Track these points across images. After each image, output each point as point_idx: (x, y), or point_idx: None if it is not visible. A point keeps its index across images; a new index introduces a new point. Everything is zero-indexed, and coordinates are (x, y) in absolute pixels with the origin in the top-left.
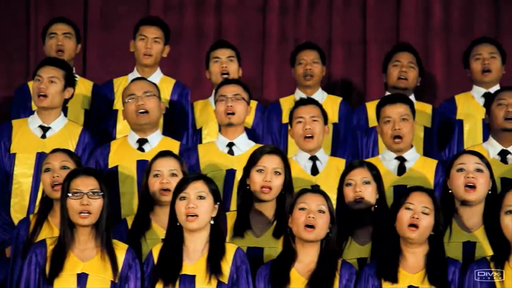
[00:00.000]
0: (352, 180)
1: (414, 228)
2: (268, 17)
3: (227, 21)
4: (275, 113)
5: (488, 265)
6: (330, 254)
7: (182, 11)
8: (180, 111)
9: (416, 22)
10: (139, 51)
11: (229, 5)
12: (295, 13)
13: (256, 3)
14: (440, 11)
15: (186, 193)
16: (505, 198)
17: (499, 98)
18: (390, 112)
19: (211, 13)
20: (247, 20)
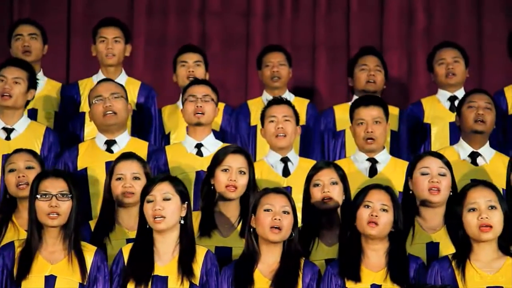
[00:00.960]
0: (320, 180)
1: (373, 225)
2: (251, 22)
3: (211, 26)
4: (243, 115)
5: (450, 263)
6: (293, 254)
7: (165, 16)
8: (146, 113)
9: (400, 28)
10: (101, 53)
11: (213, 10)
12: (279, 18)
13: (240, 8)
14: (423, 17)
15: (152, 196)
16: (467, 196)
17: (469, 100)
18: (363, 114)
19: (195, 18)
20: (231, 25)
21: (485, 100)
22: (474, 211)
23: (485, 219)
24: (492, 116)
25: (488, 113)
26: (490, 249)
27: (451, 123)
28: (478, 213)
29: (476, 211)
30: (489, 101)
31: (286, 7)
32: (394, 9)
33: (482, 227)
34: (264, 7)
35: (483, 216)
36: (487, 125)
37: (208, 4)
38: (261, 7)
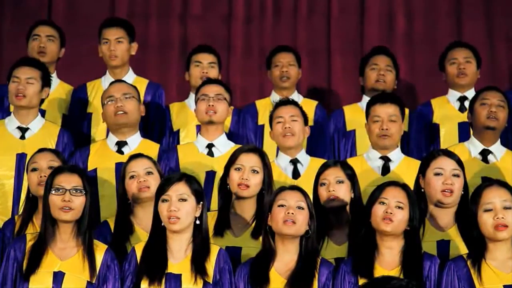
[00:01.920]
0: (326, 179)
1: (388, 221)
2: (233, 26)
3: (192, 30)
4: (250, 115)
5: (465, 263)
6: (310, 253)
7: (147, 20)
8: (155, 111)
9: (380, 31)
10: (105, 55)
11: (194, 14)
12: (260, 22)
13: (221, 12)
14: (403, 21)
15: (167, 196)
16: (483, 196)
17: (482, 97)
18: (379, 111)
19: (176, 22)
20: (212, 29)
21: (498, 98)
22: (490, 211)
23: (501, 219)
24: (505, 114)
25: (500, 111)
26: (505, 248)
27: (460, 123)
28: (494, 213)
29: (492, 211)
30: (502, 99)
31: (267, 11)
32: (374, 13)
33: (499, 227)
34: (245, 11)
35: (499, 216)
36: (499, 122)
37: (189, 8)
38: (242, 11)
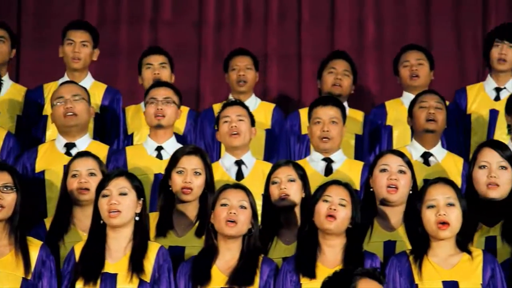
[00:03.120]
0: (278, 178)
1: (331, 219)
2: (203, 31)
3: (162, 36)
4: (208, 119)
5: (408, 258)
6: (252, 251)
7: (117, 26)
8: (111, 116)
9: (350, 38)
10: (67, 56)
11: (165, 20)
12: (231, 28)
13: (192, 18)
14: (373, 27)
15: (108, 190)
16: (426, 193)
17: (420, 101)
18: (320, 114)
19: (147, 28)
20: (182, 35)
21: (435, 100)
22: (433, 208)
23: (443, 215)
24: (443, 116)
25: (439, 113)
26: (448, 245)
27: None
28: (437, 209)
29: (434, 207)
30: (439, 101)
31: (238, 17)
32: (344, 19)
33: (440, 225)
34: (216, 17)
35: (441, 213)
36: (438, 124)
37: (160, 14)
38: (213, 17)
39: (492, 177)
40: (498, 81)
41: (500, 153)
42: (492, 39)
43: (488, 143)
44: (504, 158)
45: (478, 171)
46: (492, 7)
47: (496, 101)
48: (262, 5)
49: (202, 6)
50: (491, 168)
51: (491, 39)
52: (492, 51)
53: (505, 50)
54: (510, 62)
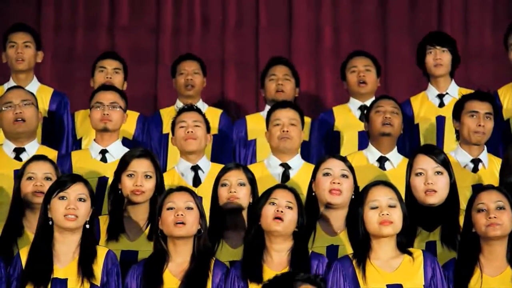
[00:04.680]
0: (228, 180)
1: (279, 221)
2: (161, 37)
3: (119, 42)
4: (155, 124)
5: (351, 262)
6: (203, 252)
7: (73, 31)
8: (59, 120)
9: (308, 44)
10: (11, 58)
11: (122, 25)
12: (188, 34)
13: (149, 24)
14: (331, 34)
15: (66, 193)
16: (369, 195)
17: (377, 105)
18: (280, 115)
19: (103, 34)
20: (140, 40)
21: (391, 105)
22: (376, 209)
23: (386, 215)
24: (399, 120)
25: (395, 117)
26: (389, 247)
27: (360, 132)
28: (379, 210)
29: (377, 208)
30: (395, 106)
31: (196, 23)
32: (302, 25)
33: (383, 222)
34: (173, 23)
35: (384, 213)
36: (394, 128)
37: (116, 19)
38: (170, 23)
39: (429, 183)
40: (439, 87)
41: (434, 159)
42: (424, 47)
43: (422, 149)
44: (439, 163)
45: (415, 179)
46: (446, 13)
47: (441, 107)
48: (219, 11)
49: (159, 11)
50: (427, 174)
51: (423, 48)
52: (427, 59)
53: (439, 55)
54: (446, 65)
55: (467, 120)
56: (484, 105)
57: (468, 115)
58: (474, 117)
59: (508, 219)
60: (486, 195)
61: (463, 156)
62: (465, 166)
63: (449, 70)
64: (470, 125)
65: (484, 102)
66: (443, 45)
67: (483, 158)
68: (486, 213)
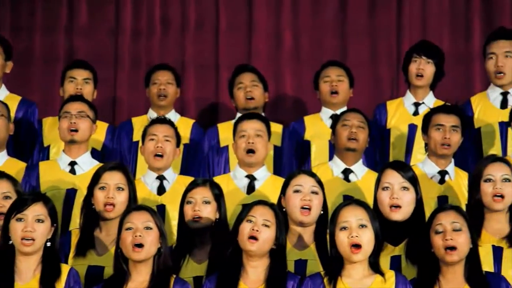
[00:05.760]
0: (193, 198)
1: (253, 241)
2: (120, 40)
3: (78, 44)
4: (126, 131)
5: (322, 280)
6: (162, 271)
7: (31, 33)
8: (27, 129)
9: (267, 48)
10: None
11: (80, 27)
12: (148, 37)
13: (108, 26)
14: (290, 38)
15: (24, 215)
16: (339, 215)
17: (344, 119)
18: (245, 127)
19: (62, 36)
20: (98, 43)
21: (358, 119)
22: (345, 230)
23: (355, 237)
24: (365, 134)
25: (361, 131)
26: (361, 267)
27: (330, 141)
28: (349, 231)
29: (347, 229)
30: (362, 120)
31: (155, 26)
32: (262, 29)
33: (353, 248)
34: (132, 25)
35: (353, 235)
36: (359, 143)
37: (75, 22)
38: (129, 25)
39: (394, 198)
40: (417, 96)
41: (402, 174)
42: (411, 55)
43: (391, 164)
44: (406, 179)
45: (381, 192)
46: (405, 19)
47: (415, 115)
48: (179, 14)
49: (118, 13)
50: (393, 189)
51: (410, 55)
52: (410, 67)
53: (422, 65)
54: (427, 77)
55: (434, 133)
56: (451, 118)
57: (434, 128)
58: (440, 130)
59: (464, 241)
60: (443, 216)
61: (430, 168)
62: (432, 177)
63: (429, 82)
64: (437, 138)
65: (451, 115)
66: (429, 56)
67: (450, 170)
68: (443, 235)
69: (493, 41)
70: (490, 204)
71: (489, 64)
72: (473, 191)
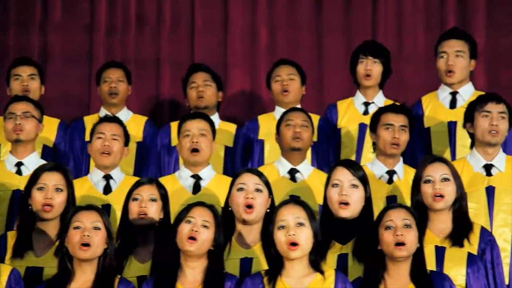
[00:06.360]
0: (139, 195)
1: (192, 241)
2: (94, 37)
3: (52, 40)
4: (78, 131)
5: (262, 280)
6: (107, 271)
7: (5, 29)
8: None
9: (243, 45)
10: None
11: (55, 24)
12: (123, 33)
13: (83, 23)
14: (266, 35)
15: None
16: (278, 214)
17: (287, 118)
18: (189, 126)
19: (36, 32)
20: (73, 39)
21: (302, 118)
22: (283, 229)
23: (292, 235)
24: (309, 133)
25: (305, 131)
26: (301, 265)
27: None
28: (287, 230)
29: (284, 228)
30: (305, 119)
31: (130, 22)
32: (237, 26)
33: (290, 246)
34: (107, 22)
35: (291, 233)
36: (304, 142)
37: (49, 18)
38: (104, 22)
39: (343, 195)
40: (366, 95)
41: (352, 172)
42: (357, 56)
43: (341, 162)
44: (356, 177)
45: (331, 189)
46: (380, 17)
47: (365, 115)
48: (154, 11)
49: (93, 10)
50: (343, 186)
51: (356, 56)
52: (358, 68)
53: (370, 66)
54: (375, 77)
55: (383, 132)
56: (399, 117)
57: (383, 128)
58: (389, 129)
59: (413, 238)
60: (394, 212)
61: (379, 168)
62: (381, 177)
63: (378, 82)
64: (386, 137)
65: (399, 115)
66: (375, 56)
67: (398, 170)
68: (393, 231)
69: (445, 40)
70: (431, 204)
71: (440, 63)
72: (414, 193)
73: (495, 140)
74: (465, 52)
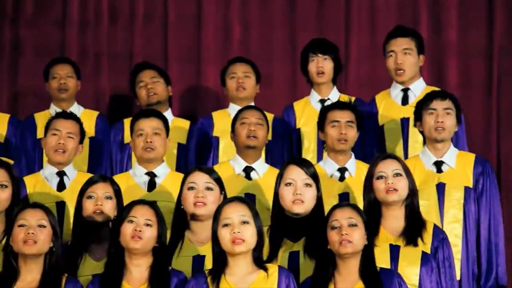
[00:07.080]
0: (94, 193)
1: (137, 238)
2: (67, 31)
3: (23, 35)
4: (29, 128)
5: (206, 279)
6: (54, 270)
7: None
8: None
9: (216, 40)
10: None
11: (26, 18)
12: (95, 27)
13: (55, 17)
14: (239, 30)
15: None
16: (222, 213)
17: (242, 117)
18: (142, 125)
19: (7, 26)
20: (45, 33)
21: (256, 116)
22: (228, 226)
23: (237, 233)
24: (263, 132)
25: (259, 129)
26: (245, 263)
27: None
28: (231, 228)
29: (229, 226)
30: (260, 117)
31: (103, 16)
32: (210, 21)
33: (234, 240)
34: (80, 16)
35: (235, 231)
36: (259, 140)
37: (21, 12)
38: (77, 16)
39: (298, 194)
40: (321, 93)
41: (305, 170)
42: (307, 55)
43: (293, 160)
44: (309, 175)
45: (284, 188)
46: (354, 12)
47: None
48: (127, 4)
49: (65, 3)
50: (297, 185)
51: (306, 55)
52: (310, 66)
53: (321, 63)
54: (327, 73)
55: (330, 129)
56: (345, 113)
57: (330, 125)
58: (336, 126)
59: (359, 236)
60: (339, 212)
61: (330, 166)
62: (332, 175)
63: (331, 78)
64: (333, 134)
65: (345, 111)
66: (325, 53)
67: (350, 167)
68: (339, 230)
69: (392, 39)
70: (385, 198)
71: (389, 62)
72: (366, 191)
73: (442, 137)
74: (413, 49)
